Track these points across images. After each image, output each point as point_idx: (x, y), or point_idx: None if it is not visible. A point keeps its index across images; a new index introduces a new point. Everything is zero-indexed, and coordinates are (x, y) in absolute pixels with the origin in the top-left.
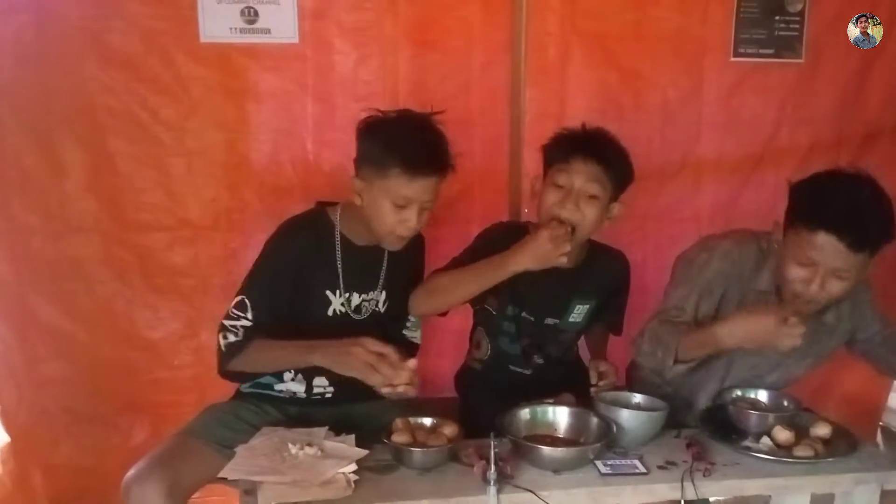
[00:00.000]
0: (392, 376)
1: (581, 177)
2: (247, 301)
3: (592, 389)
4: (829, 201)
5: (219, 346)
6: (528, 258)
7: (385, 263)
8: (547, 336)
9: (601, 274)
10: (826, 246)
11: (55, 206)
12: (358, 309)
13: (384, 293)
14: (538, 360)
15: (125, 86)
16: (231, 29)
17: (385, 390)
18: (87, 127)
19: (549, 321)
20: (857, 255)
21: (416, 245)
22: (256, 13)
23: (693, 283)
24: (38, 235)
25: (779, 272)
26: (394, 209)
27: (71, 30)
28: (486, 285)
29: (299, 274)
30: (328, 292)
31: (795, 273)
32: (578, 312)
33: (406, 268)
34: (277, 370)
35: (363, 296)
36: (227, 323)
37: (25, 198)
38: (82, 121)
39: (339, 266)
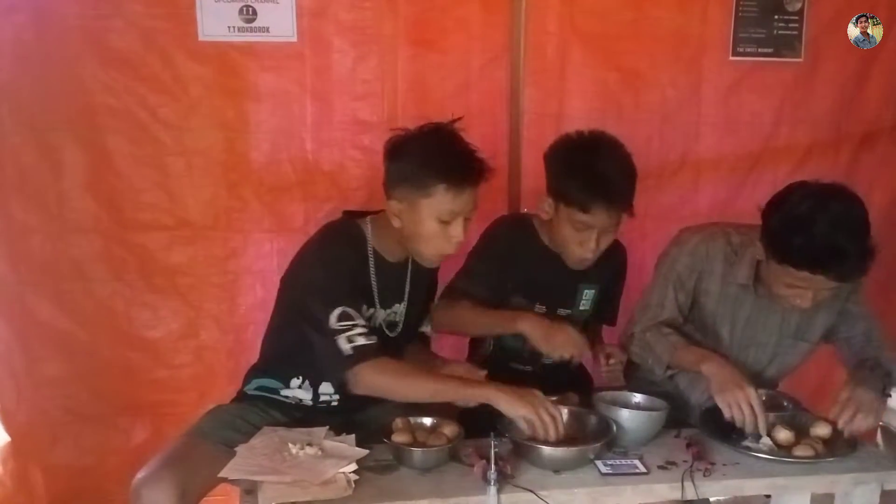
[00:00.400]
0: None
1: (602, 222)
2: (348, 310)
3: (604, 370)
4: (808, 244)
5: (338, 353)
6: (547, 345)
7: (409, 276)
8: None
9: (602, 259)
10: (812, 279)
11: (54, 206)
12: (381, 325)
13: (404, 306)
14: (546, 359)
15: (124, 85)
16: (230, 28)
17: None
18: (86, 127)
19: (562, 311)
20: (842, 284)
21: None
22: (255, 12)
23: (667, 278)
24: (37, 235)
25: (766, 279)
26: (440, 226)
27: (71, 30)
28: (497, 333)
29: (343, 286)
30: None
31: (786, 291)
32: (587, 299)
33: (427, 279)
34: (418, 395)
35: (388, 310)
36: (340, 329)
37: (25, 197)
38: (82, 121)
39: (374, 283)
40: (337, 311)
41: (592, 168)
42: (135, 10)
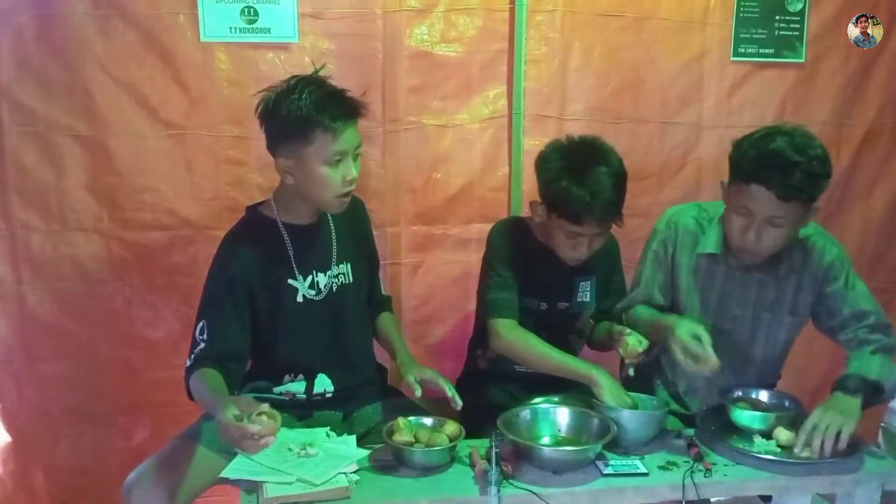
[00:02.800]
0: (253, 447)
1: (593, 230)
2: (204, 324)
3: (626, 361)
4: (761, 155)
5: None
6: (610, 397)
7: (334, 235)
8: (566, 324)
9: (595, 252)
10: (758, 196)
11: (55, 206)
12: (328, 287)
13: (346, 265)
14: None
15: (125, 85)
16: (231, 28)
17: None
18: (87, 127)
19: (561, 305)
20: (788, 203)
21: (357, 211)
22: (256, 13)
23: (647, 259)
24: (37, 235)
25: (725, 228)
26: (331, 170)
27: (71, 30)
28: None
29: (255, 279)
30: (290, 281)
31: (735, 222)
32: (583, 290)
33: (357, 234)
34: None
35: (328, 272)
36: (192, 349)
37: (25, 197)
38: (82, 121)
39: (291, 251)
40: (200, 324)
41: (582, 182)
42: (136, 10)
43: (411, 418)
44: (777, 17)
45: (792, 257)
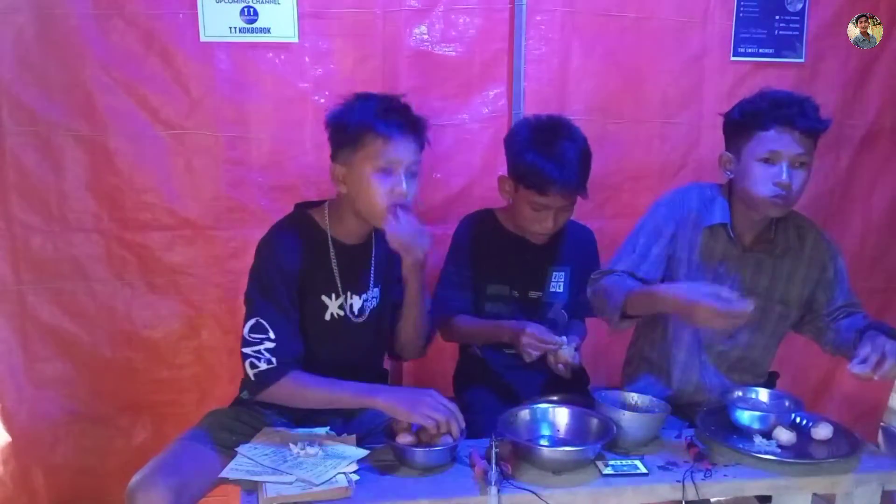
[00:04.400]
0: (449, 429)
1: (559, 202)
2: (263, 322)
3: (553, 366)
4: (775, 100)
5: (246, 375)
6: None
7: (373, 259)
8: (539, 314)
9: (570, 244)
10: (783, 136)
11: (55, 206)
12: (361, 311)
13: (378, 289)
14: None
15: (125, 85)
16: (231, 28)
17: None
18: (87, 127)
19: (533, 294)
20: (810, 139)
21: None
22: (256, 12)
23: (646, 229)
24: (37, 235)
25: (741, 190)
26: (380, 178)
27: (71, 30)
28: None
29: (299, 279)
30: (324, 297)
31: (761, 174)
32: (556, 281)
33: (389, 254)
34: (321, 407)
35: (363, 296)
36: (248, 351)
37: (25, 198)
38: (82, 121)
39: (336, 269)
40: (250, 323)
41: (548, 154)
42: (136, 10)
43: None
44: (777, 17)
45: (787, 238)
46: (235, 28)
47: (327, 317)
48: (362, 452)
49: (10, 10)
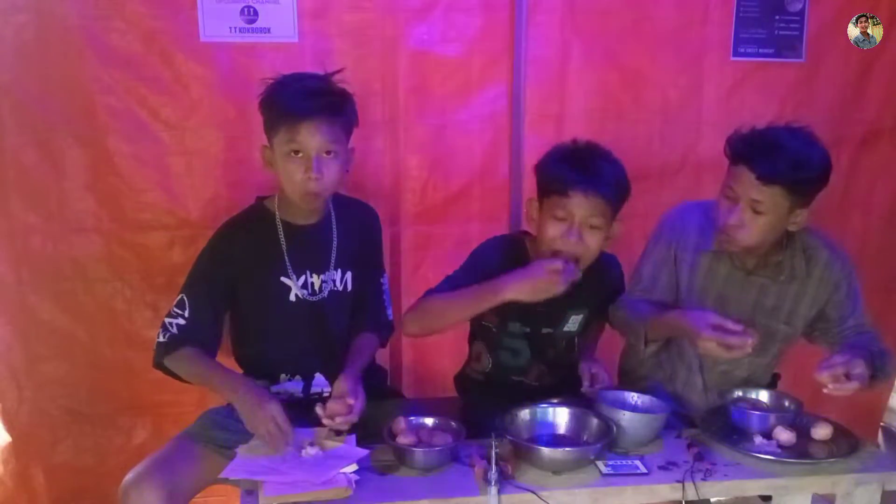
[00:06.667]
0: (277, 448)
1: (582, 210)
2: (185, 299)
3: (586, 389)
4: (752, 135)
5: (157, 340)
6: (524, 289)
7: (335, 240)
8: (545, 343)
9: (595, 283)
10: (741, 176)
11: (55, 206)
12: (324, 291)
13: (343, 272)
14: (542, 366)
15: (125, 85)
16: (231, 28)
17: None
18: (87, 126)
19: (545, 331)
20: (768, 187)
21: (367, 220)
22: (256, 12)
23: (652, 256)
24: (38, 235)
25: (713, 212)
26: (295, 162)
27: (71, 30)
28: (478, 311)
29: (243, 271)
30: (283, 279)
31: (721, 205)
32: (573, 322)
33: (361, 243)
34: (202, 386)
35: (321, 276)
36: (166, 320)
37: (25, 198)
38: (82, 120)
39: (284, 249)
40: (178, 298)
41: (576, 160)
42: (136, 10)
43: (411, 418)
44: (777, 17)
45: (793, 265)
46: (235, 28)
47: (292, 297)
48: (362, 452)
49: (11, 10)
